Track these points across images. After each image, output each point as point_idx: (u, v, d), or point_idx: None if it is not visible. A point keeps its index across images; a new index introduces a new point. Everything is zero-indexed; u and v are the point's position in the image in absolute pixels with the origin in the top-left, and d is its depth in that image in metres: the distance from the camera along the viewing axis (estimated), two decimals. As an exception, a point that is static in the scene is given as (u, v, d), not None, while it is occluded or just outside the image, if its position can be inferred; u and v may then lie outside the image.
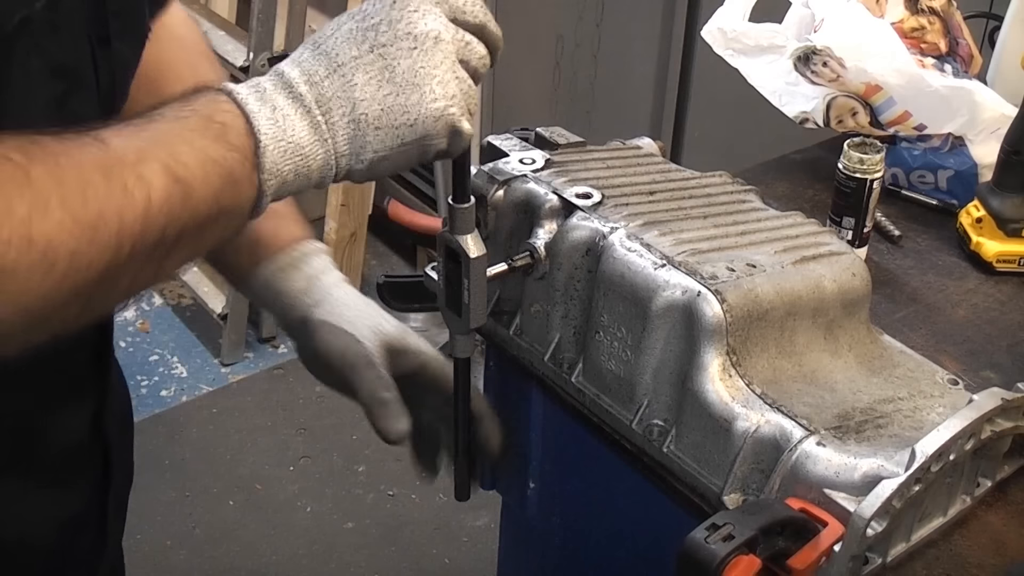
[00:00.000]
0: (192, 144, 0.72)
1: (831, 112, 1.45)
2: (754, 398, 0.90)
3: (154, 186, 0.70)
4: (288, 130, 0.75)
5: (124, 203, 0.69)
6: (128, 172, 0.69)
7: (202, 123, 0.74)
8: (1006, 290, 1.30)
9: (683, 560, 0.78)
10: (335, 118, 0.77)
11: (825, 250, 1.00)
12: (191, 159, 0.72)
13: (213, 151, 0.73)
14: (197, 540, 2.40)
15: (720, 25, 1.49)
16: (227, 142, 0.73)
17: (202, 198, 0.72)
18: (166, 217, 0.71)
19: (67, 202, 0.67)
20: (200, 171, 0.72)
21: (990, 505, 0.97)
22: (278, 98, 0.76)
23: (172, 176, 0.71)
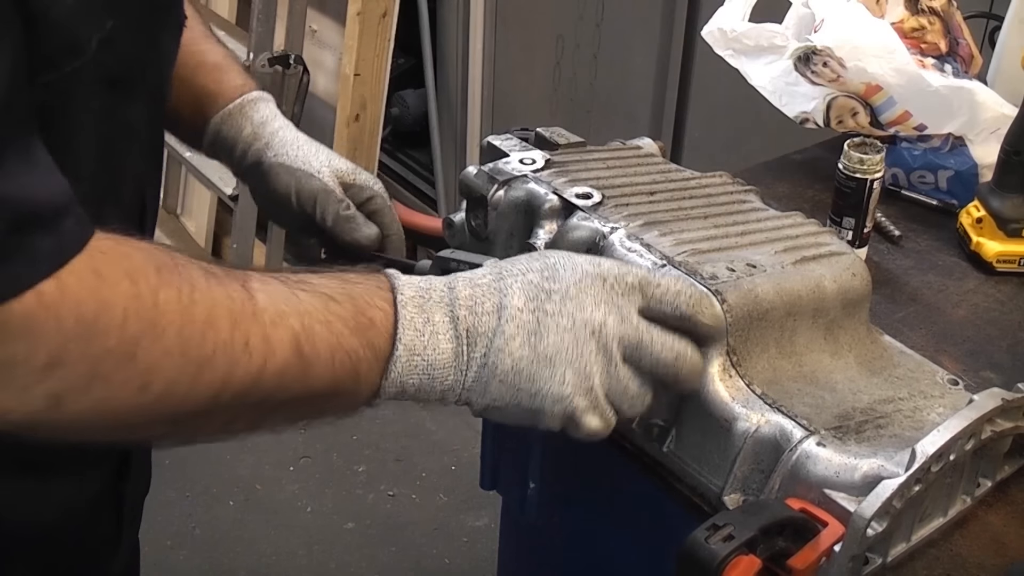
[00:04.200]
0: (331, 328, 0.73)
1: (831, 112, 1.45)
2: (754, 398, 0.90)
3: (276, 354, 0.71)
4: (429, 348, 0.76)
5: (240, 358, 0.70)
6: (256, 330, 0.70)
7: (351, 311, 0.75)
8: (1006, 290, 1.30)
9: (683, 560, 0.78)
10: (475, 354, 0.77)
11: (825, 250, 1.00)
12: (323, 342, 0.73)
13: (348, 342, 0.74)
14: (197, 540, 2.40)
15: (720, 25, 1.49)
16: (366, 339, 0.75)
17: (320, 380, 0.73)
18: (276, 385, 0.72)
19: (183, 334, 0.68)
20: (327, 355, 0.73)
21: (990, 505, 0.97)
22: (436, 313, 0.77)
23: (297, 350, 0.72)
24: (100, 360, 0.65)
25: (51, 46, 0.71)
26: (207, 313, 0.69)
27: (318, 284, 0.75)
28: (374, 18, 2.59)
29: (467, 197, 1.09)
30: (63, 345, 0.64)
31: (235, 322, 0.70)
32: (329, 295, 0.75)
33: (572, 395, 0.78)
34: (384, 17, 2.60)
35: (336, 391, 0.74)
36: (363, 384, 0.75)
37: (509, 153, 1.11)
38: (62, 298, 0.64)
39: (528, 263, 0.81)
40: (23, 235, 0.62)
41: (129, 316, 0.66)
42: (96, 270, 0.66)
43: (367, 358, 0.75)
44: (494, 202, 1.06)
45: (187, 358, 0.68)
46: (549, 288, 0.78)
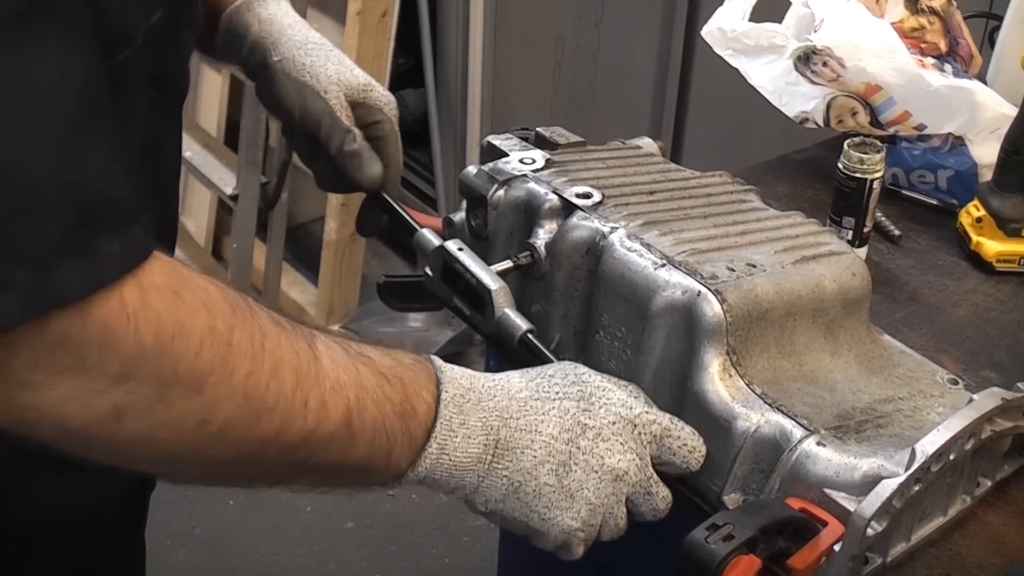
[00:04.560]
0: (380, 408, 0.76)
1: (831, 112, 1.45)
2: (754, 398, 0.90)
3: (330, 419, 0.73)
4: (459, 450, 0.79)
5: (297, 416, 0.71)
6: (316, 393, 0.72)
7: (399, 396, 0.77)
8: (1006, 290, 1.30)
9: (683, 560, 0.78)
10: (498, 466, 0.80)
11: (825, 250, 1.00)
12: (371, 418, 0.75)
13: (391, 425, 0.76)
14: (197, 540, 2.40)
15: (720, 25, 1.49)
16: (407, 427, 0.77)
17: (358, 454, 0.75)
18: (320, 449, 0.73)
19: (250, 380, 0.69)
20: (371, 433, 0.75)
21: (990, 505, 0.97)
22: (472, 417, 0.79)
23: (348, 421, 0.74)
24: (169, 384, 0.65)
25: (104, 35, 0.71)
26: (274, 364, 0.70)
27: (376, 360, 0.77)
28: (374, 18, 2.59)
29: (467, 197, 1.09)
30: (137, 359, 0.64)
31: (299, 380, 0.71)
32: (384, 375, 0.77)
33: (579, 529, 0.83)
34: (384, 17, 2.60)
35: (367, 468, 0.77)
36: (392, 467, 0.78)
37: (509, 153, 1.11)
38: (143, 311, 0.64)
39: (564, 387, 0.83)
40: (90, 234, 0.61)
41: (204, 348, 0.66)
42: (177, 291, 0.66)
43: (402, 444, 0.77)
44: (494, 202, 1.06)
45: (249, 404, 0.69)
46: (584, 423, 0.82)
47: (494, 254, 1.06)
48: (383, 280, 1.18)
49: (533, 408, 0.81)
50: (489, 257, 1.05)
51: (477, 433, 0.79)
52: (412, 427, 0.77)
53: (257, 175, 2.66)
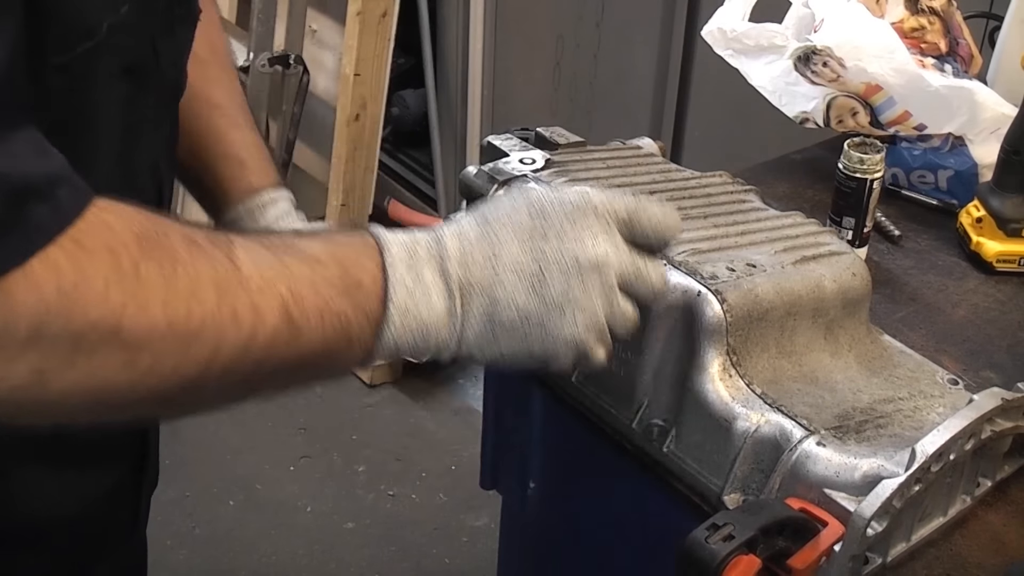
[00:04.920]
0: (318, 292, 0.72)
1: (831, 112, 1.45)
2: (754, 398, 0.90)
3: (265, 321, 0.69)
4: (422, 307, 0.75)
5: (228, 327, 0.68)
6: (243, 298, 0.69)
7: (338, 273, 0.73)
8: (1006, 290, 1.30)
9: (683, 560, 0.78)
10: (472, 308, 0.76)
11: (825, 250, 1.00)
12: (312, 306, 0.71)
13: (337, 304, 0.72)
14: (197, 540, 2.40)
15: (720, 25, 1.49)
16: (355, 301, 0.73)
17: (310, 344, 0.72)
18: (266, 352, 0.70)
19: (169, 306, 0.66)
20: (316, 320, 0.71)
21: (990, 505, 0.97)
22: (425, 270, 0.75)
23: (287, 316, 0.70)
24: (82, 334, 0.64)
25: (61, 26, 0.71)
26: (191, 285, 0.67)
27: (304, 247, 0.73)
28: (374, 18, 2.59)
29: (467, 197, 1.09)
30: (43, 317, 0.63)
31: (221, 293, 0.68)
32: (316, 258, 0.73)
33: (584, 334, 0.77)
34: (384, 17, 2.60)
35: (328, 355, 0.73)
36: (356, 347, 0.74)
37: (509, 153, 1.11)
38: (42, 267, 0.63)
39: (511, 203, 0.79)
40: (19, 208, 0.61)
41: (111, 288, 0.64)
42: (77, 240, 0.64)
43: (358, 321, 0.73)
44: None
45: (173, 331, 0.66)
46: (543, 228, 0.77)
47: (494, 254, 1.06)
48: (383, 280, 1.17)
49: (486, 238, 0.76)
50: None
51: (437, 284, 0.75)
52: (362, 301, 0.73)
53: (257, 175, 2.66)
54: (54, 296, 0.63)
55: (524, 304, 0.76)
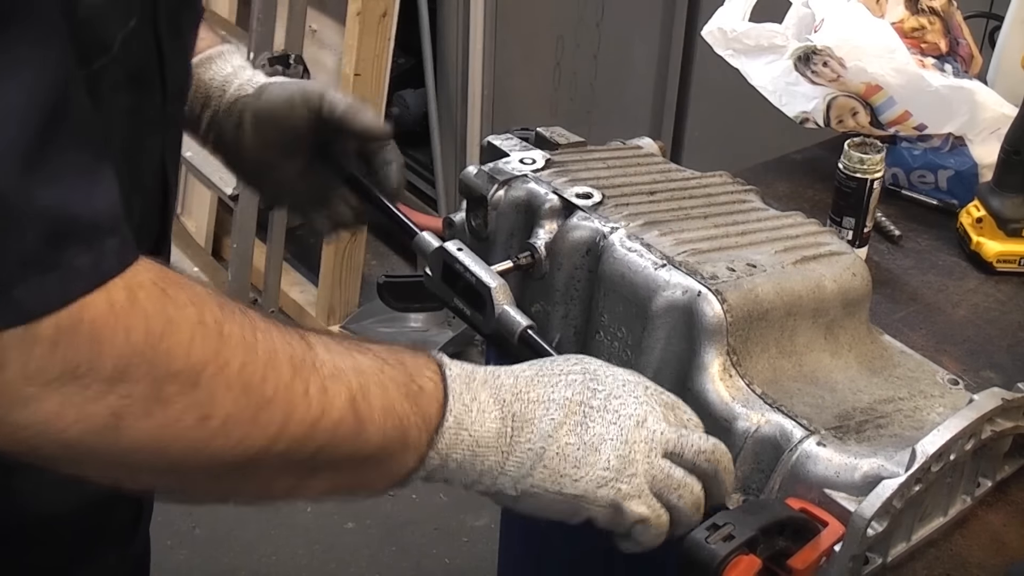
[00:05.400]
0: (385, 390, 0.73)
1: (831, 112, 1.45)
2: (754, 398, 0.90)
3: (333, 405, 0.70)
4: (476, 423, 0.76)
5: (299, 403, 0.69)
6: (315, 379, 0.70)
7: (404, 377, 0.74)
8: (1006, 290, 1.30)
9: (683, 560, 0.78)
10: (519, 439, 0.77)
11: (825, 250, 1.00)
12: (377, 403, 0.72)
13: (400, 406, 0.73)
14: (197, 540, 2.40)
15: (720, 25, 1.49)
16: (417, 406, 0.74)
17: (370, 441, 0.72)
18: (329, 438, 0.70)
19: (246, 371, 0.67)
20: (380, 417, 0.72)
21: (990, 505, 0.97)
22: (482, 392, 0.77)
23: (353, 406, 0.71)
24: (164, 381, 0.64)
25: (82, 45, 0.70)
26: (269, 354, 0.68)
27: (372, 347, 0.75)
28: (374, 18, 2.59)
29: (467, 197, 1.09)
30: (129, 358, 0.62)
31: (295, 368, 0.69)
32: (383, 358, 0.75)
33: (615, 479, 0.78)
34: (384, 17, 2.60)
35: (383, 456, 0.74)
36: (410, 451, 0.74)
37: (509, 153, 1.11)
38: (131, 309, 0.62)
39: (566, 365, 0.81)
40: (59, 249, 0.60)
41: (195, 341, 0.65)
42: (164, 290, 0.65)
43: (416, 424, 0.74)
44: (494, 202, 1.06)
45: (248, 395, 0.67)
46: (594, 387, 0.80)
47: (494, 254, 1.06)
48: (383, 280, 1.18)
49: (540, 382, 0.79)
50: (489, 257, 1.05)
51: (491, 407, 0.76)
52: (424, 406, 0.74)
53: (257, 175, 2.66)
54: (142, 339, 0.63)
55: (565, 441, 0.77)
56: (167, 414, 0.65)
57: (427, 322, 2.82)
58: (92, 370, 0.61)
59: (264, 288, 2.87)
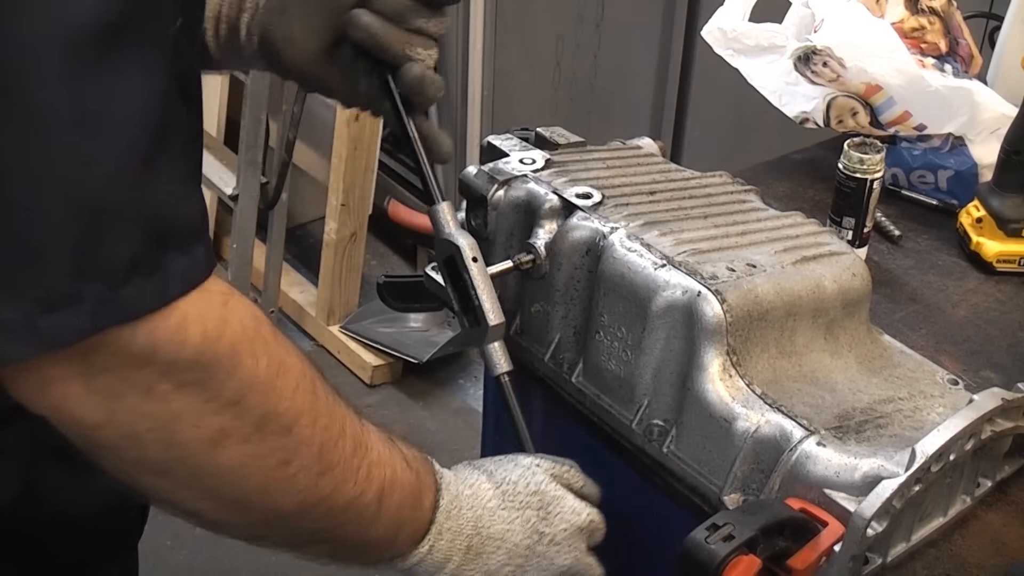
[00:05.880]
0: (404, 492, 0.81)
1: (831, 112, 1.45)
2: (754, 398, 0.90)
3: (370, 489, 0.78)
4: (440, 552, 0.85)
5: (350, 479, 0.76)
6: (365, 462, 0.77)
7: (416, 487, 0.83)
8: (1006, 290, 1.30)
9: (683, 560, 0.78)
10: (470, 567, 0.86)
11: (825, 250, 1.00)
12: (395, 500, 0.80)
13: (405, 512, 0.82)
14: (197, 540, 2.40)
15: (720, 25, 1.49)
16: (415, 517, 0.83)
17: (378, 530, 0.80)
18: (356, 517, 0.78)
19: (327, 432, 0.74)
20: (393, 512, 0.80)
21: (990, 505, 0.97)
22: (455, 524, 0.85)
23: (380, 496, 0.79)
24: (269, 418, 0.69)
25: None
26: (341, 423, 0.75)
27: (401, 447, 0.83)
28: (374, 18, 2.59)
29: (467, 197, 1.09)
30: (251, 386, 0.67)
31: (356, 445, 0.76)
32: (407, 460, 0.82)
33: None
34: (384, 17, 2.60)
35: (378, 546, 0.82)
36: (394, 551, 0.83)
37: (509, 153, 1.11)
38: (257, 338, 0.68)
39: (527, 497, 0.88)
40: (162, 252, 0.64)
41: (299, 390, 0.71)
42: (274, 329, 0.70)
43: (407, 534, 0.82)
44: (494, 202, 1.06)
45: (322, 456, 0.73)
46: (542, 530, 0.88)
47: (494, 254, 1.06)
48: (383, 280, 1.17)
49: (501, 518, 0.87)
50: (489, 257, 1.05)
51: (457, 539, 0.85)
52: (416, 520, 0.83)
53: (257, 175, 2.66)
54: (265, 372, 0.68)
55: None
56: (259, 448, 0.70)
57: (427, 322, 2.82)
58: (221, 386, 0.66)
59: (264, 288, 2.87)
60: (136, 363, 0.64)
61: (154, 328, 0.63)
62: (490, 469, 0.90)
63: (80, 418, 0.65)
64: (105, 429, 0.66)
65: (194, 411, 0.66)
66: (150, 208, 0.62)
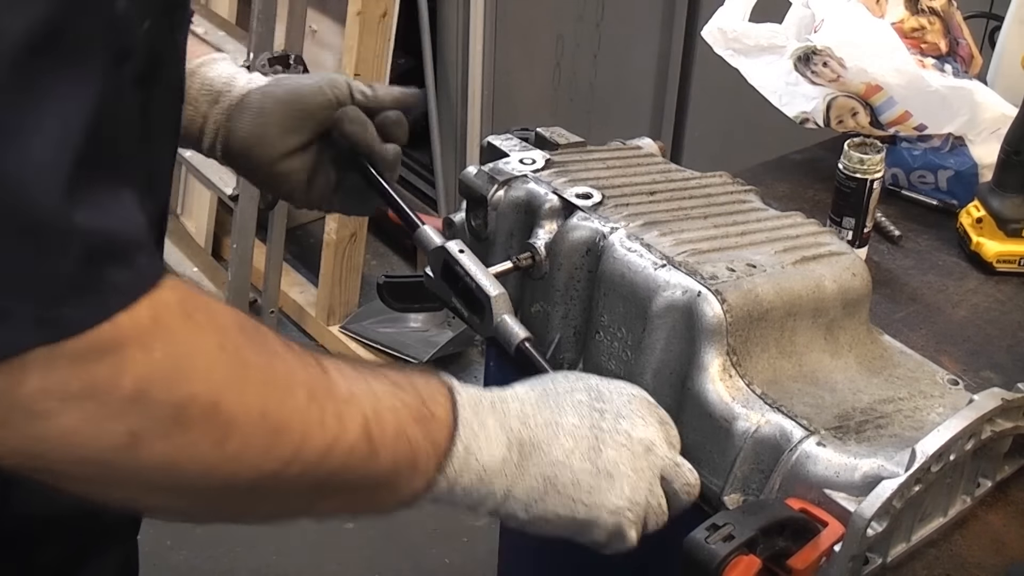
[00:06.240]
0: (397, 415, 0.74)
1: (831, 112, 1.45)
2: (754, 398, 0.90)
3: (347, 431, 0.72)
4: (484, 451, 0.77)
5: (314, 429, 0.70)
6: (330, 406, 0.71)
7: (415, 402, 0.76)
8: (1006, 290, 1.30)
9: (683, 560, 0.78)
10: (528, 464, 0.79)
11: (825, 250, 1.00)
12: (390, 428, 0.73)
13: (412, 431, 0.75)
14: (197, 540, 2.40)
15: (720, 25, 1.49)
16: (428, 431, 0.75)
17: (382, 464, 0.74)
18: (342, 463, 0.72)
19: (265, 396, 0.68)
20: (392, 442, 0.73)
21: (990, 505, 0.97)
22: (489, 419, 0.78)
23: (367, 433, 0.72)
24: (183, 405, 0.65)
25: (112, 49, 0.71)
26: (286, 380, 0.70)
27: (385, 372, 0.77)
28: (374, 18, 2.59)
29: (467, 197, 1.09)
30: (150, 378, 0.63)
31: (311, 395, 0.71)
32: (397, 383, 0.76)
33: (626, 508, 0.81)
34: (384, 17, 2.60)
35: (394, 479, 0.75)
36: (419, 476, 0.76)
37: (509, 153, 1.11)
38: (154, 328, 0.63)
39: (570, 383, 0.84)
40: (97, 268, 0.61)
41: (215, 365, 0.66)
42: (187, 312, 0.66)
43: (426, 450, 0.75)
44: (494, 202, 1.06)
45: (266, 420, 0.68)
46: (600, 407, 0.82)
47: (494, 254, 1.06)
48: (383, 280, 1.18)
49: (546, 405, 0.81)
50: (489, 257, 1.05)
51: (498, 434, 0.78)
52: (434, 431, 0.76)
53: (257, 175, 2.66)
54: (164, 360, 0.64)
55: (579, 467, 0.80)
56: (184, 437, 0.65)
57: (427, 322, 2.82)
58: (112, 388, 0.62)
59: (264, 288, 2.87)
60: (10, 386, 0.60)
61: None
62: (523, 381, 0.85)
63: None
64: (9, 459, 0.63)
65: (90, 420, 0.62)
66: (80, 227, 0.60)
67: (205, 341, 0.66)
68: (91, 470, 0.65)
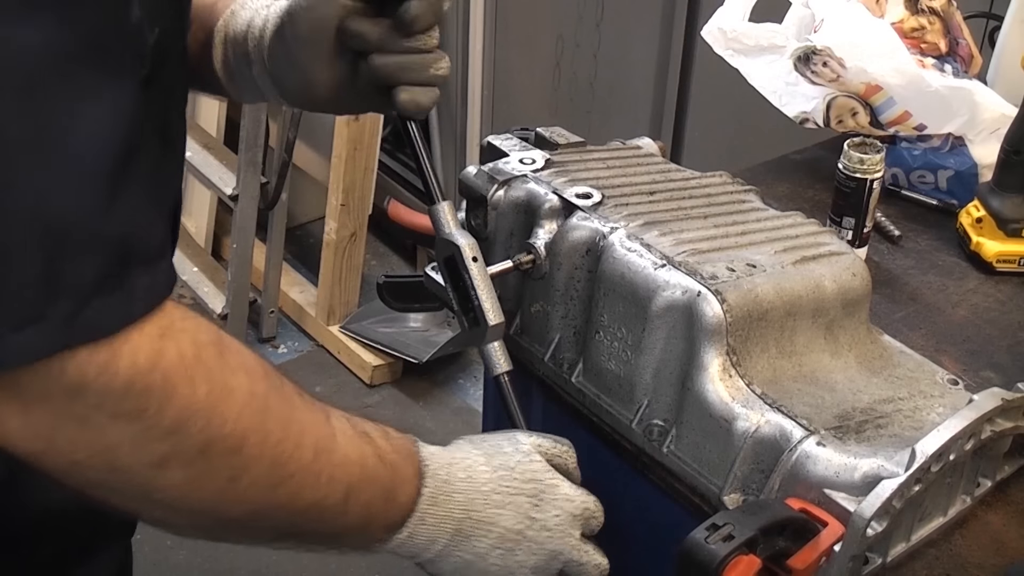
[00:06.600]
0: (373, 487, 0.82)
1: (831, 112, 1.45)
2: (754, 398, 0.90)
3: (334, 491, 0.79)
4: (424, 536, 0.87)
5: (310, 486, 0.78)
6: (327, 468, 0.79)
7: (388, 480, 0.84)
8: (1006, 290, 1.30)
9: (683, 560, 0.78)
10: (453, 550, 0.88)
11: (825, 250, 1.00)
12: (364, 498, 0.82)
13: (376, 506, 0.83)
14: (197, 540, 2.40)
15: (720, 25, 1.49)
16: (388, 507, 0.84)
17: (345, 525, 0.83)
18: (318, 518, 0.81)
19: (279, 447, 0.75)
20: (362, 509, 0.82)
21: (990, 505, 0.97)
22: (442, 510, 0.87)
23: (347, 497, 0.80)
24: (213, 442, 0.70)
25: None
26: (299, 435, 0.76)
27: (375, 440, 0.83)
28: (374, 18, 2.59)
29: (467, 197, 1.09)
30: (191, 411, 0.69)
31: (317, 453, 0.77)
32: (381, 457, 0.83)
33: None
34: (384, 17, 2.60)
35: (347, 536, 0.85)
36: (369, 538, 0.86)
37: (509, 153, 1.11)
38: (198, 366, 0.69)
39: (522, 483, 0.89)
40: (126, 270, 0.65)
41: (244, 409, 0.72)
42: (221, 352, 0.71)
43: (380, 524, 0.85)
44: (494, 202, 1.06)
45: (274, 470, 0.75)
46: (534, 517, 0.89)
47: (494, 254, 1.06)
48: (383, 280, 1.18)
49: (494, 502, 0.88)
50: (489, 257, 1.05)
51: (445, 523, 0.87)
52: (392, 513, 0.84)
53: (257, 175, 2.66)
54: (204, 397, 0.69)
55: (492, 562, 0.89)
56: (206, 468, 0.71)
57: (427, 322, 2.82)
58: (158, 414, 0.68)
59: (264, 288, 2.87)
60: (69, 395, 0.65)
61: (84, 361, 0.65)
62: (489, 452, 0.90)
63: (22, 448, 0.67)
64: (47, 456, 0.68)
65: (132, 440, 0.68)
66: (114, 229, 0.64)
67: (239, 383, 0.72)
68: (116, 479, 0.70)
